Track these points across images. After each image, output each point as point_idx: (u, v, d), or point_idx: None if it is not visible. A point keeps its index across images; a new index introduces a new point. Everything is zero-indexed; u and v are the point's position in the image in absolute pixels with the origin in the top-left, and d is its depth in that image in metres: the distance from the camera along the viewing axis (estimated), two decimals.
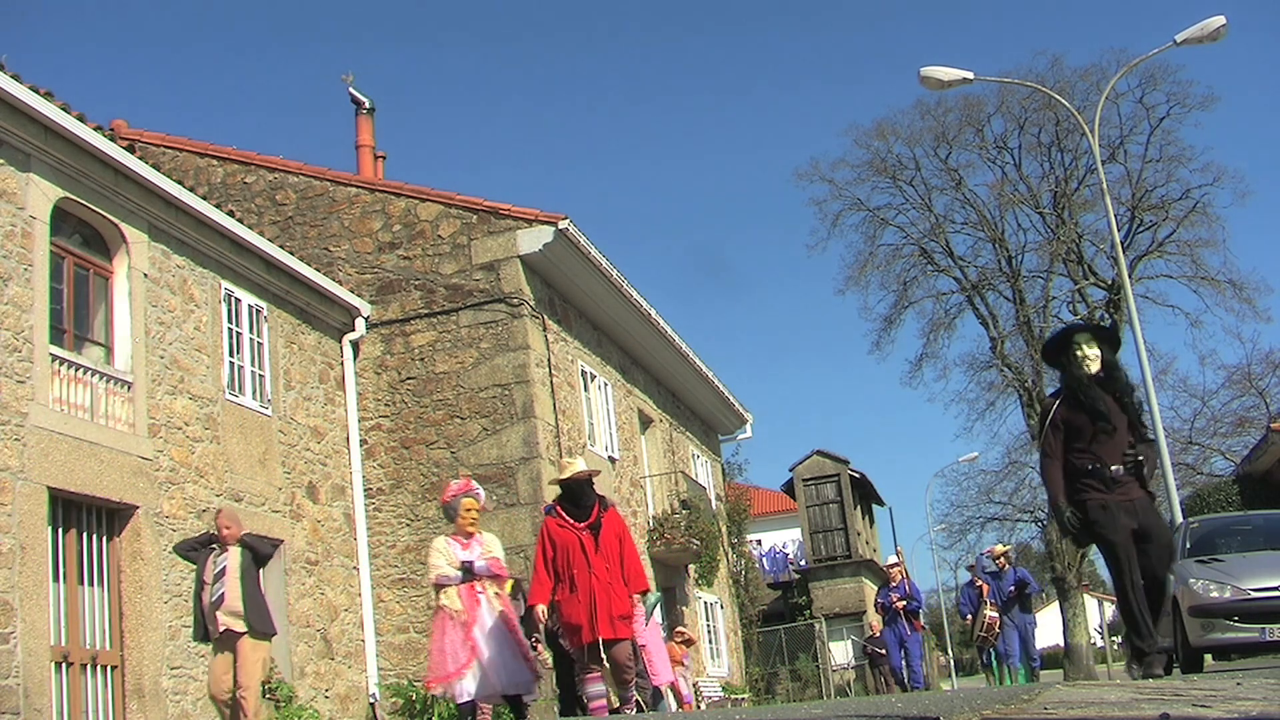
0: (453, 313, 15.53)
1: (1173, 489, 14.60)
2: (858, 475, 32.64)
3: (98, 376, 10.88)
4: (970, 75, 16.46)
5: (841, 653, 29.55)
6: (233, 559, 8.86)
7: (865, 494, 34.83)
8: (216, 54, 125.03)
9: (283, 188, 16.82)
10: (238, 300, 13.41)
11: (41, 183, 10.44)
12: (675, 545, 19.20)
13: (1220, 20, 15.18)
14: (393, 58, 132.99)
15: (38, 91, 10.16)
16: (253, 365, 13.48)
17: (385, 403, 15.52)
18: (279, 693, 12.38)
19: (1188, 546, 10.65)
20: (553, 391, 15.75)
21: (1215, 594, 9.58)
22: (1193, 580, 9.68)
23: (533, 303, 15.65)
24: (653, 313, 19.18)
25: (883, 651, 18.40)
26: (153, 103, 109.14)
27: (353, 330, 15.49)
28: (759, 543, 34.02)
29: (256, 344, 13.66)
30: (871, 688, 23.46)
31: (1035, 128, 32.93)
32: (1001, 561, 14.64)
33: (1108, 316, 30.94)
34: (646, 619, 8.17)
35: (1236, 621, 9.43)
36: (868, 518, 35.77)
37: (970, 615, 14.86)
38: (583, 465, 8.28)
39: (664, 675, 8.62)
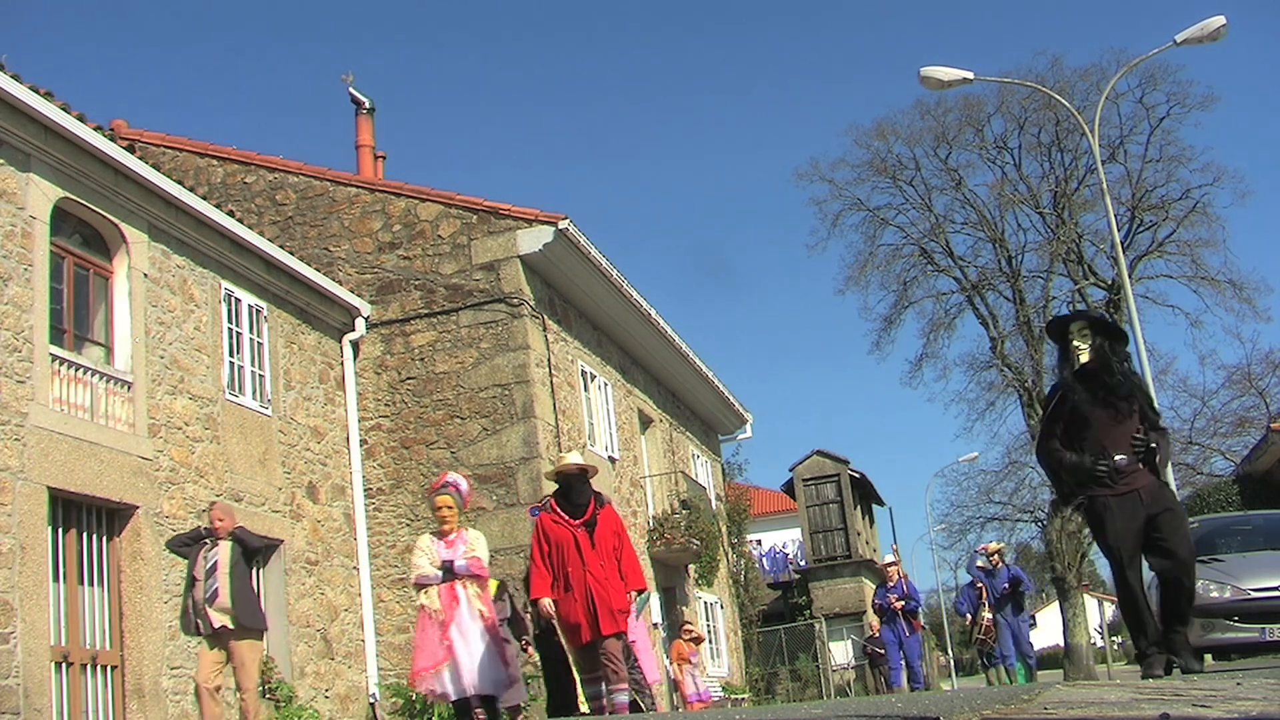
0: (453, 313, 15.53)
1: (1173, 489, 14.58)
2: (858, 475, 32.63)
3: (98, 376, 10.88)
4: (970, 75, 16.46)
5: (841, 653, 29.54)
6: (224, 553, 8.84)
7: (865, 494, 34.82)
8: (216, 54, 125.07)
9: (283, 188, 16.82)
10: (238, 300, 13.41)
11: (41, 183, 10.44)
12: (675, 545, 19.20)
13: (1220, 20, 15.18)
14: (393, 58, 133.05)
15: (38, 91, 10.16)
16: (253, 365, 13.48)
17: (385, 403, 15.52)
18: (279, 693, 12.37)
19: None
20: (553, 391, 15.75)
21: (1215, 594, 9.59)
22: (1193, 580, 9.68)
23: (533, 303, 15.65)
24: (653, 313, 19.18)
25: (882, 651, 18.39)
26: (153, 103, 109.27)
27: (353, 330, 15.49)
28: (759, 543, 34.01)
29: (256, 344, 13.66)
30: (871, 688, 23.46)
31: (1035, 128, 32.92)
32: (995, 559, 14.65)
33: (1108, 316, 30.92)
34: (636, 615, 8.03)
35: (1236, 621, 9.44)
36: (868, 518, 35.76)
37: (969, 614, 14.90)
38: (577, 459, 8.10)
39: (651, 674, 8.51)
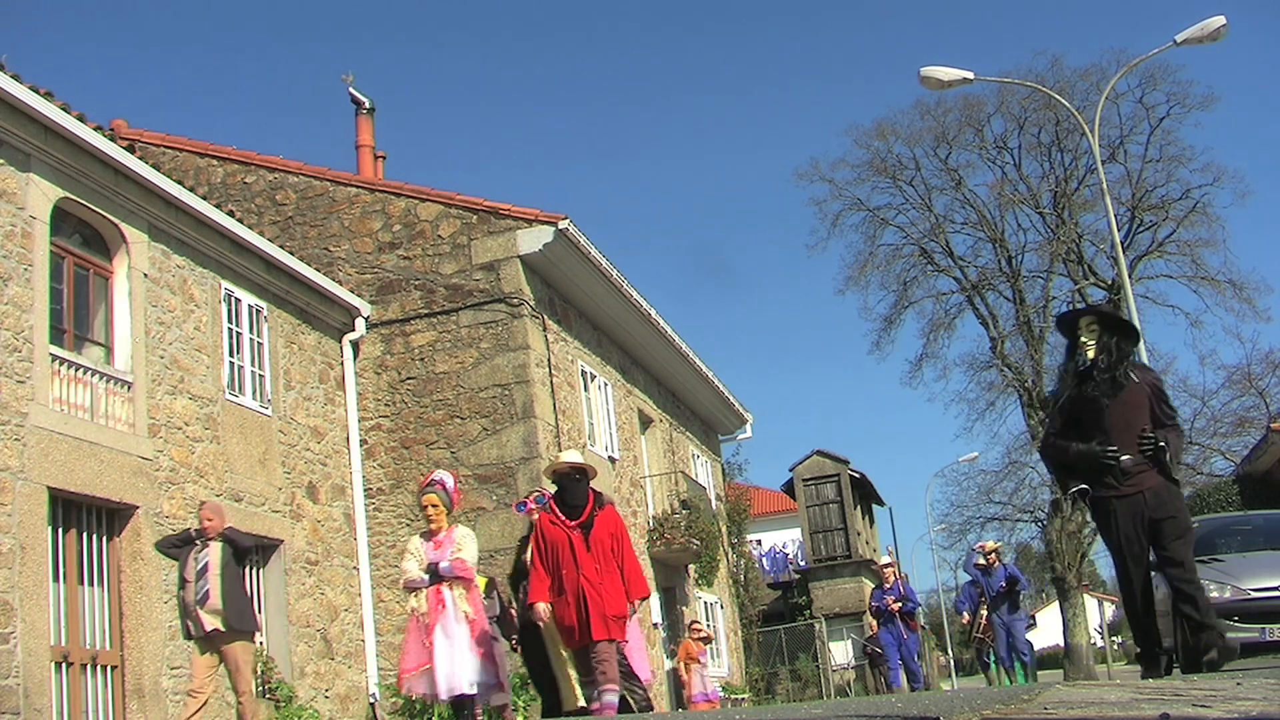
0: (453, 313, 15.53)
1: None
2: (858, 475, 32.62)
3: (98, 376, 10.88)
4: (970, 75, 16.46)
5: (841, 653, 29.53)
6: (214, 554, 8.77)
7: (865, 494, 34.81)
8: (216, 54, 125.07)
9: (283, 188, 16.82)
10: (238, 300, 13.41)
11: (41, 183, 10.44)
12: (675, 545, 19.20)
13: (1220, 20, 15.18)
14: (393, 58, 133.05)
15: (38, 91, 10.16)
16: (253, 365, 13.48)
17: (385, 403, 15.52)
18: (279, 693, 12.37)
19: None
20: (553, 391, 15.75)
21: (1215, 594, 9.57)
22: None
23: (533, 303, 15.65)
24: (653, 313, 19.18)
25: (882, 651, 18.38)
26: (153, 103, 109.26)
27: (353, 330, 15.49)
28: (759, 543, 34.01)
29: (256, 344, 13.66)
30: (871, 688, 23.46)
31: (1035, 128, 32.95)
32: (992, 558, 14.55)
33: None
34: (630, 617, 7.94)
35: (1236, 621, 9.43)
36: (868, 518, 35.75)
37: (968, 613, 14.86)
38: (574, 458, 7.90)
39: (643, 674, 8.42)
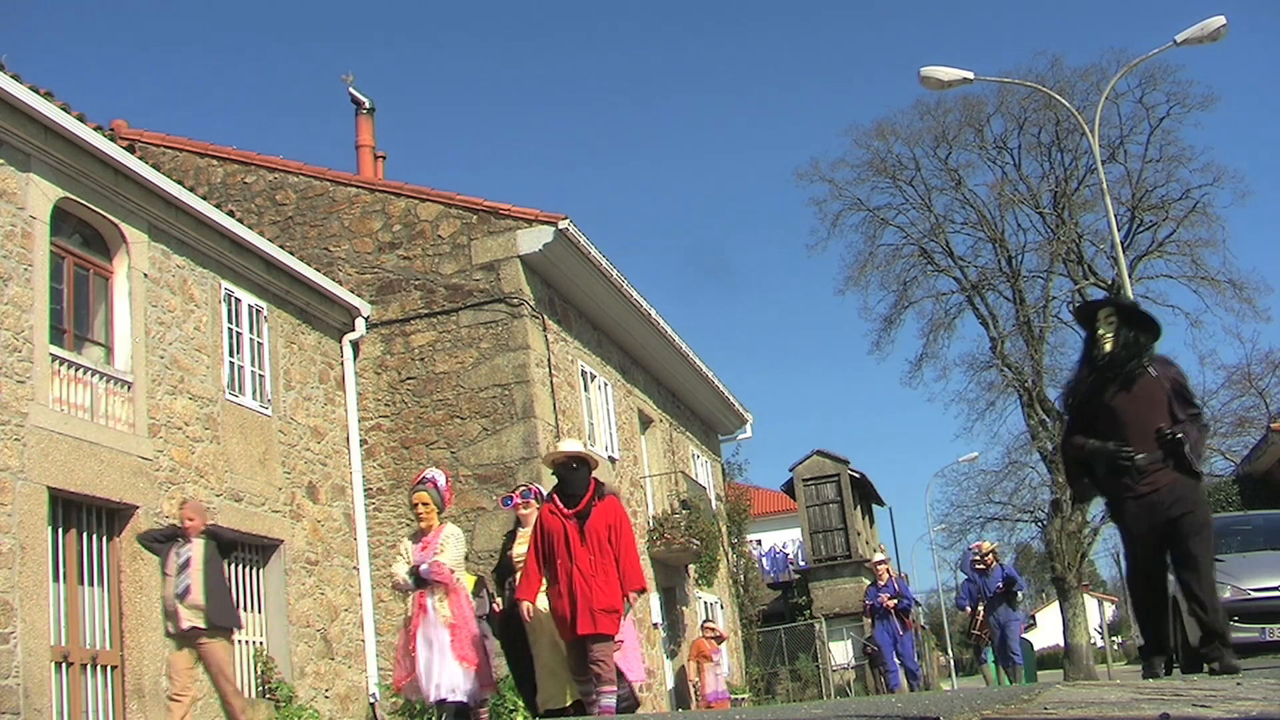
0: (453, 313, 15.53)
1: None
2: (858, 475, 32.58)
3: (98, 376, 10.88)
4: (970, 75, 16.46)
5: (841, 653, 29.50)
6: (197, 550, 8.73)
7: (865, 494, 34.77)
8: (216, 54, 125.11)
9: (283, 188, 16.82)
10: (238, 300, 13.41)
11: (41, 183, 10.44)
12: (675, 545, 19.19)
13: (1220, 20, 15.18)
14: (393, 58, 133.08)
15: (38, 91, 10.16)
16: (253, 365, 13.48)
17: (385, 403, 15.52)
18: (279, 693, 12.37)
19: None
20: (553, 391, 15.75)
21: None
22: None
23: (533, 303, 15.65)
24: (653, 313, 19.18)
25: (880, 650, 18.34)
26: (153, 103, 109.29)
27: (353, 330, 15.48)
28: (759, 543, 34.00)
29: (256, 344, 13.66)
30: (871, 688, 23.44)
31: (1035, 128, 32.97)
32: (990, 559, 14.46)
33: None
34: (626, 613, 7.83)
35: (1236, 621, 9.42)
36: (868, 518, 35.71)
37: (968, 608, 14.80)
38: (572, 446, 7.72)
39: (636, 674, 8.30)
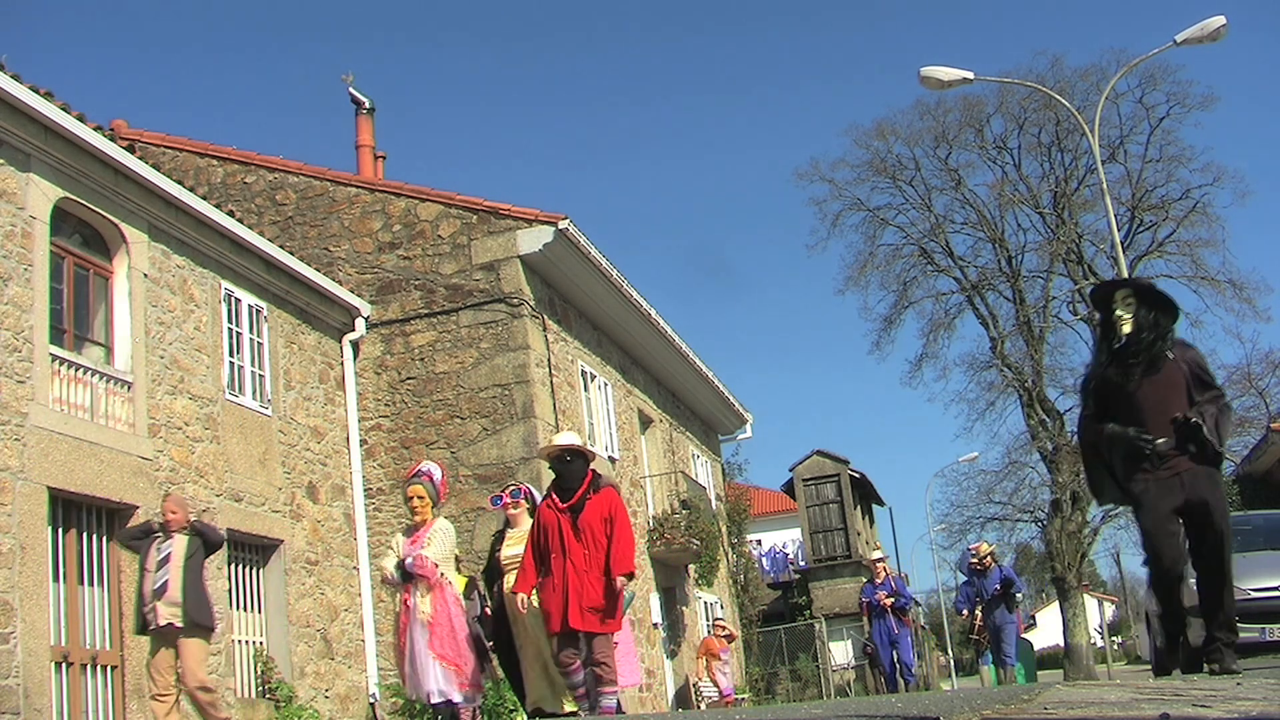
0: (453, 313, 15.53)
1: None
2: (858, 475, 32.59)
3: (98, 376, 10.88)
4: (970, 75, 16.47)
5: (841, 653, 29.50)
6: (178, 546, 8.53)
7: (865, 494, 34.77)
8: (216, 54, 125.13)
9: (283, 188, 16.82)
10: (238, 300, 13.41)
11: (41, 183, 10.44)
12: (675, 545, 19.19)
13: (1220, 20, 15.19)
14: (393, 58, 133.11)
15: (38, 91, 10.16)
16: (253, 365, 13.48)
17: (385, 403, 15.52)
18: (279, 693, 12.38)
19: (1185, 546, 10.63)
20: (553, 391, 15.75)
21: None
22: (1192, 580, 9.68)
23: (533, 303, 15.65)
24: (653, 313, 19.18)
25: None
26: (153, 103, 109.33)
27: (353, 330, 15.48)
28: (759, 543, 34.00)
29: (256, 344, 13.66)
30: (871, 688, 23.44)
31: (1035, 128, 32.95)
32: (988, 560, 14.40)
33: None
34: (624, 611, 7.73)
35: (1236, 622, 9.42)
36: (868, 518, 35.72)
37: (966, 610, 14.77)
38: (567, 439, 7.59)
39: (629, 677, 8.17)
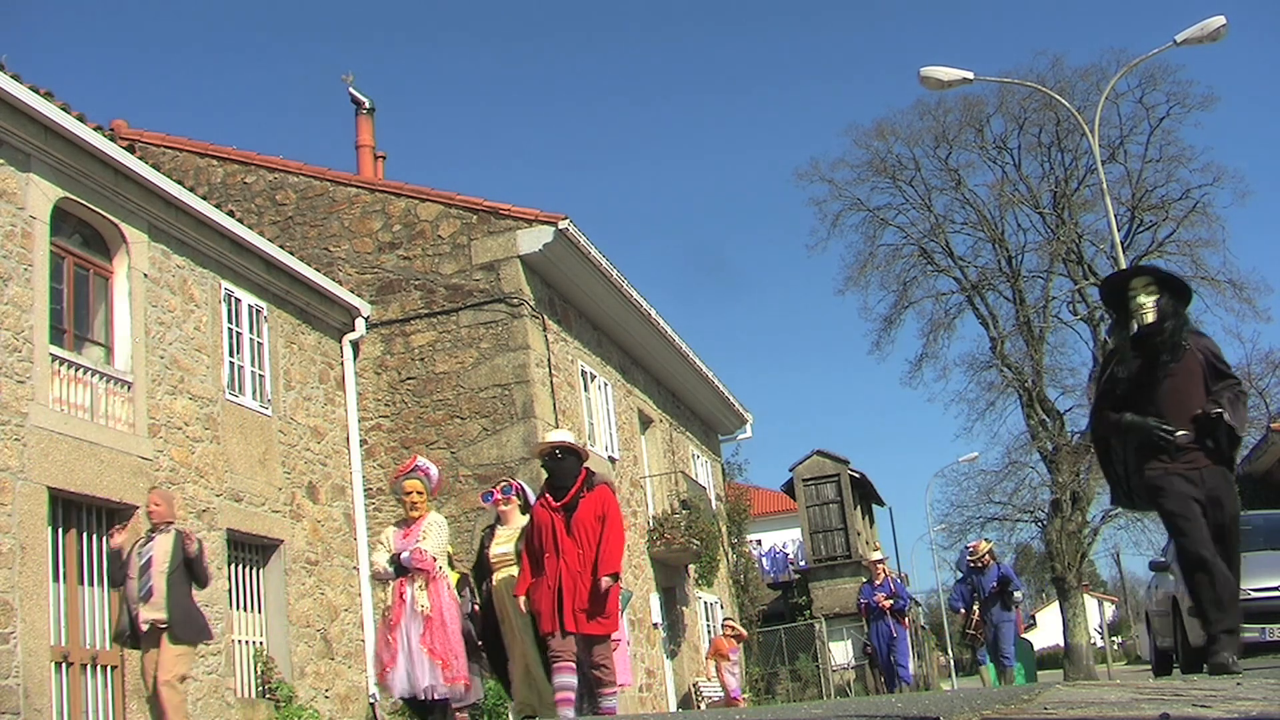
0: (453, 313, 15.53)
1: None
2: (858, 475, 32.59)
3: (98, 376, 10.88)
4: (970, 75, 16.47)
5: (841, 653, 29.51)
6: (159, 548, 8.17)
7: (865, 494, 34.78)
8: (216, 54, 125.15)
9: (283, 188, 16.82)
10: (238, 300, 13.41)
11: (41, 183, 10.44)
12: (675, 545, 19.19)
13: (1220, 20, 15.19)
14: (393, 58, 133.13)
15: (38, 91, 10.16)
16: (253, 365, 13.48)
17: (385, 403, 15.53)
18: (279, 693, 12.38)
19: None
20: (553, 391, 15.75)
21: None
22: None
23: (533, 303, 15.65)
24: (653, 313, 19.18)
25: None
26: (153, 103, 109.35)
27: (353, 330, 15.48)
28: (759, 543, 33.99)
29: (256, 344, 13.66)
30: (871, 688, 23.44)
31: (1035, 128, 32.98)
32: (986, 558, 14.35)
33: (1108, 316, 30.90)
34: (620, 612, 7.71)
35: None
36: (868, 518, 35.72)
37: (962, 609, 14.73)
38: (558, 436, 7.42)
39: (621, 677, 8.18)
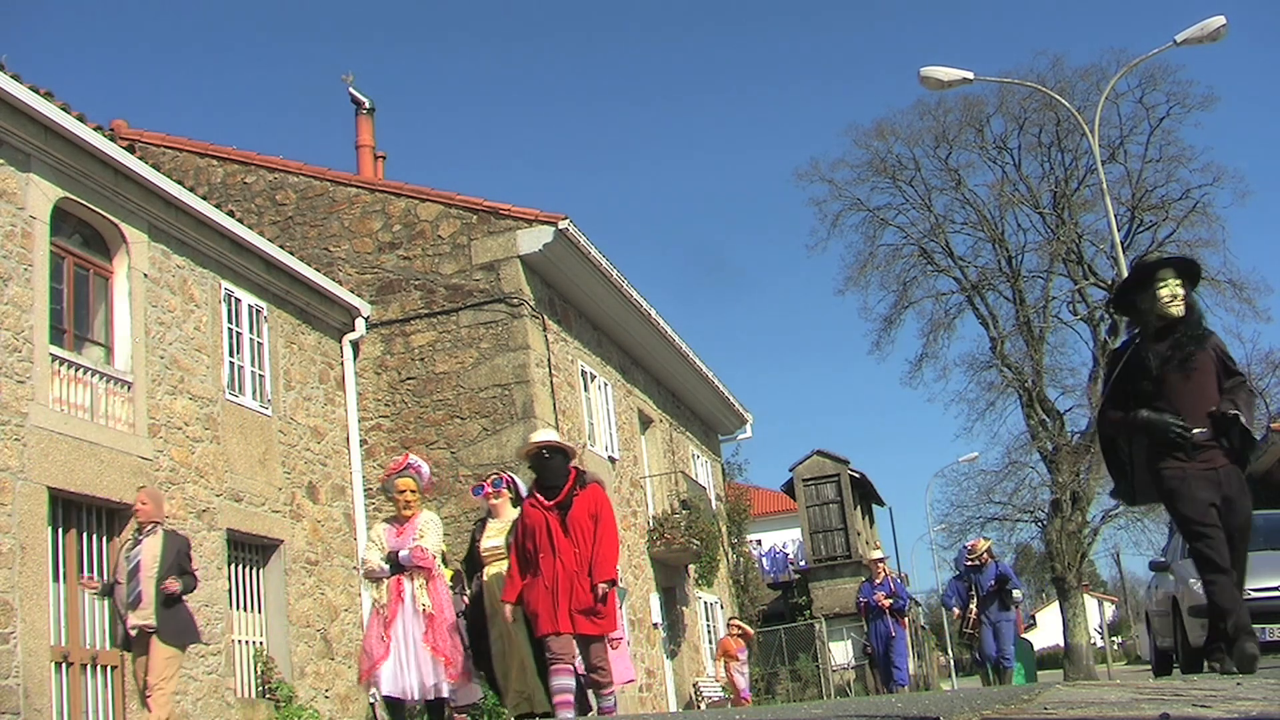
0: (453, 313, 15.53)
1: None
2: (858, 475, 32.58)
3: (98, 376, 10.88)
4: (970, 75, 16.47)
5: (841, 653, 29.51)
6: (148, 552, 8.05)
7: (865, 494, 34.77)
8: (216, 54, 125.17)
9: (283, 188, 16.82)
10: (238, 300, 13.41)
11: (41, 183, 10.44)
12: (675, 545, 19.19)
13: (1220, 20, 15.19)
14: (393, 58, 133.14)
15: (38, 91, 10.16)
16: (253, 365, 13.48)
17: (385, 403, 15.53)
18: (279, 693, 12.39)
19: (1187, 546, 10.62)
20: (553, 391, 15.75)
21: None
22: (1192, 580, 9.68)
23: (533, 303, 15.65)
24: (653, 313, 19.18)
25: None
26: (153, 103, 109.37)
27: (353, 330, 15.49)
28: (759, 543, 33.99)
29: (256, 344, 13.66)
30: (871, 688, 23.45)
31: (1035, 128, 32.96)
32: (985, 557, 14.31)
33: (1108, 316, 30.93)
34: (619, 609, 7.67)
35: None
36: (868, 518, 35.71)
37: (957, 608, 14.69)
38: (545, 436, 7.34)
39: (625, 673, 8.14)
